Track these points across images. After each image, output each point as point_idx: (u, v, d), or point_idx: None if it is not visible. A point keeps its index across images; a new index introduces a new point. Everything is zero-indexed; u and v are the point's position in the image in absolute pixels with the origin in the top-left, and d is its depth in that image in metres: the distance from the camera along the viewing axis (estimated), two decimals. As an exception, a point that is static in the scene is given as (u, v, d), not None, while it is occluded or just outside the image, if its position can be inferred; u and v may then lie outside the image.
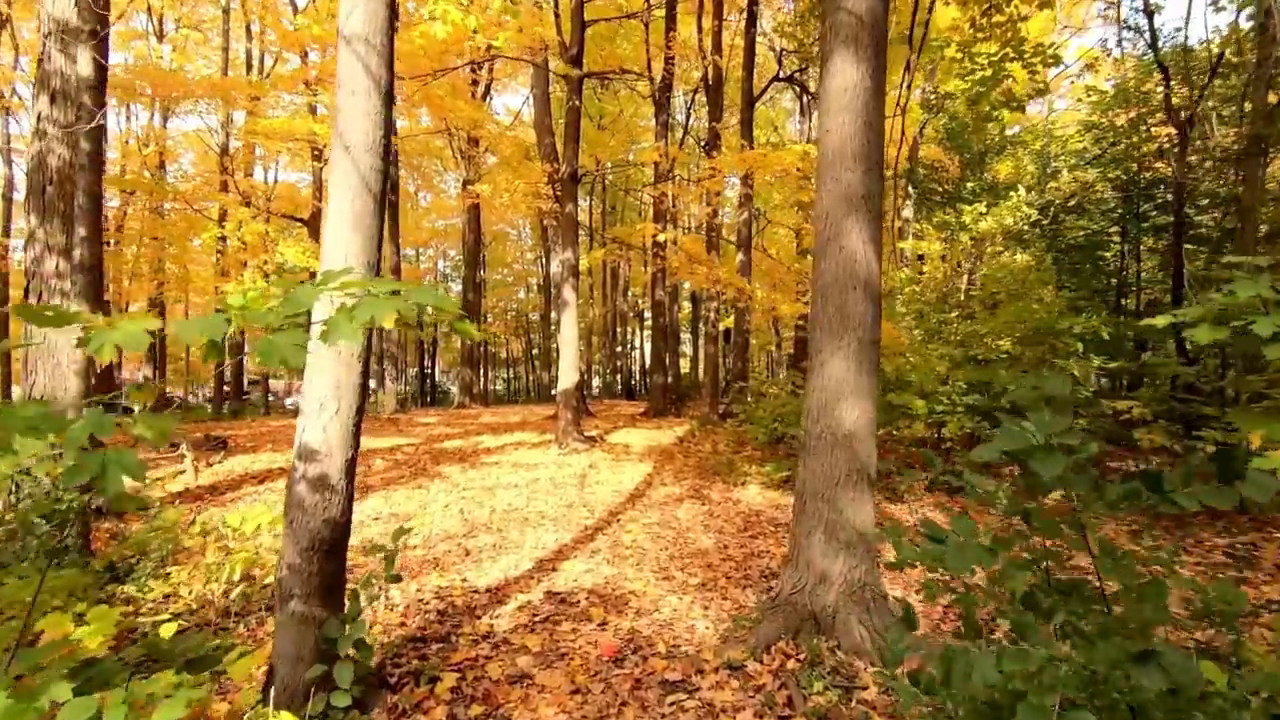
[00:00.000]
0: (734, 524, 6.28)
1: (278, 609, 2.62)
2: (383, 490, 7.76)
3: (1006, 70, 7.13)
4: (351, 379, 2.66)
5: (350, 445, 2.69)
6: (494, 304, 36.68)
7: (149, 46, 20.74)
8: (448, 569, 4.87)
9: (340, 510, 2.66)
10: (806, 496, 3.55)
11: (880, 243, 3.63)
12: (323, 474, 2.61)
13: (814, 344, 3.64)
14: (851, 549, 3.41)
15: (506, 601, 4.22)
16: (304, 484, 2.60)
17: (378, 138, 2.71)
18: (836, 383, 3.48)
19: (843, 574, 3.39)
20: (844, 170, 3.55)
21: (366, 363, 2.72)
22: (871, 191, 3.56)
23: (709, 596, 4.28)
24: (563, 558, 5.21)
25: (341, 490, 2.66)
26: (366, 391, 2.79)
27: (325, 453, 2.62)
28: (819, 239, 3.66)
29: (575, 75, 11.05)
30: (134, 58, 19.81)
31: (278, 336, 1.72)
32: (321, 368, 2.63)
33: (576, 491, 7.73)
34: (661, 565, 4.97)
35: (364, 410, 2.80)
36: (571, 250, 10.84)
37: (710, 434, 12.05)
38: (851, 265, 3.50)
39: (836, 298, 3.53)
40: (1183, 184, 11.27)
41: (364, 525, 6.18)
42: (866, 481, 3.48)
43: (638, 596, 4.28)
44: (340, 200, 2.65)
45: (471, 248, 21.64)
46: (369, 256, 2.70)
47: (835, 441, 3.47)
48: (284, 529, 2.61)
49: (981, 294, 9.20)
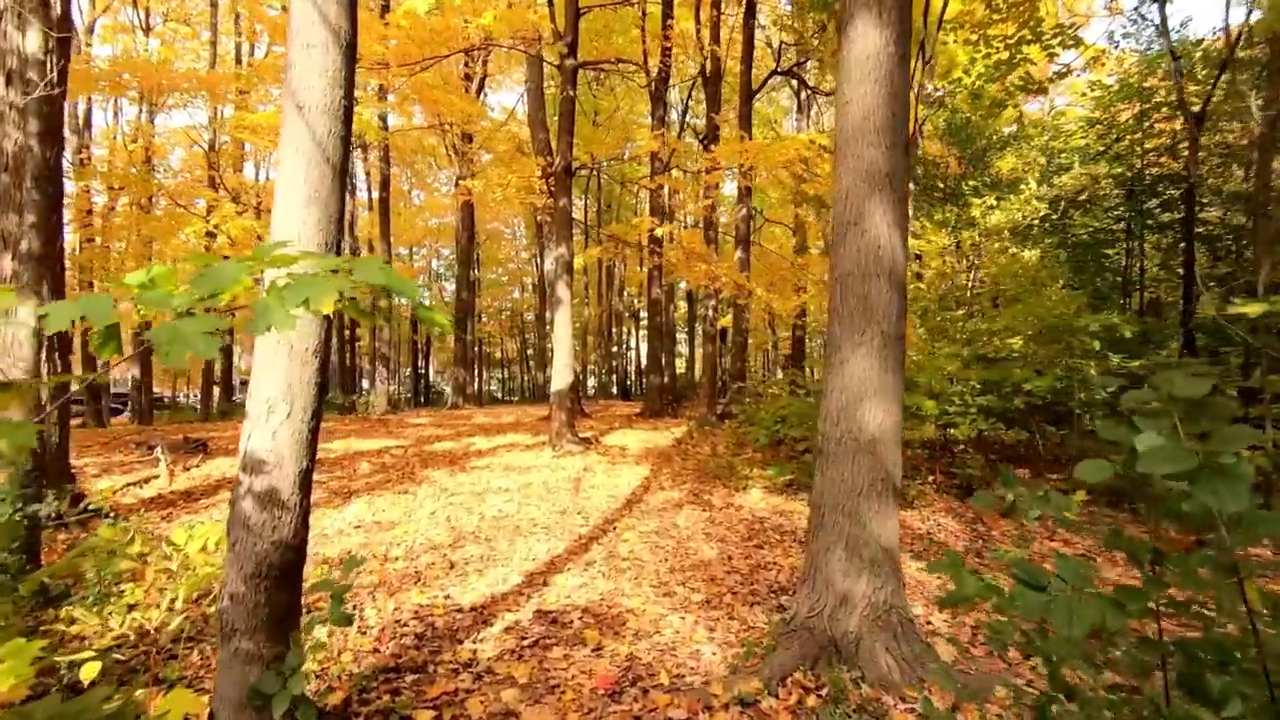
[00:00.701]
0: (737, 532, 5.92)
1: (220, 645, 2.25)
2: (366, 495, 7.37)
3: (1023, 53, 6.79)
4: (306, 377, 2.29)
5: (305, 454, 2.32)
6: (489, 303, 36.30)
7: (135, 41, 20.32)
8: (430, 584, 4.49)
9: (293, 530, 2.28)
10: (825, 508, 3.19)
11: (906, 227, 3.28)
12: (271, 488, 2.24)
13: (832, 340, 3.29)
14: (876, 567, 3.06)
15: (492, 622, 3.85)
16: (250, 500, 2.22)
17: (337, 98, 2.34)
18: (858, 382, 3.13)
19: (866, 596, 3.03)
20: (866, 146, 3.20)
21: (325, 358, 2.35)
22: (896, 169, 3.21)
23: (714, 615, 3.92)
24: (555, 570, 4.85)
25: (294, 507, 2.29)
26: (325, 392, 2.42)
27: (274, 463, 2.25)
28: (837, 223, 3.31)
29: (570, 65, 10.68)
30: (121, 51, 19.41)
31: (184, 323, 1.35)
32: (270, 364, 2.26)
33: (570, 497, 7.36)
34: (661, 579, 4.61)
35: (322, 414, 2.43)
36: (565, 246, 10.47)
37: (709, 435, 11.70)
38: (874, 251, 3.15)
39: (858, 288, 3.17)
40: (1194, 179, 10.97)
41: (344, 534, 5.81)
42: (892, 492, 3.13)
43: (636, 616, 3.92)
44: (292, 170, 2.28)
45: (465, 246, 21.26)
46: (327, 237, 2.33)
47: (857, 447, 3.11)
48: (227, 553, 2.24)
49: (990, 291, 8.87)
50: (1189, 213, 10.92)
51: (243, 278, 1.52)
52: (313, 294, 1.40)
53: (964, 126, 12.71)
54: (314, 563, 4.89)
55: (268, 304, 1.39)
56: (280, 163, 2.30)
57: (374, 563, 4.90)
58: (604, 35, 17.52)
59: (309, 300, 1.40)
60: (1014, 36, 6.66)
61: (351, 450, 10.48)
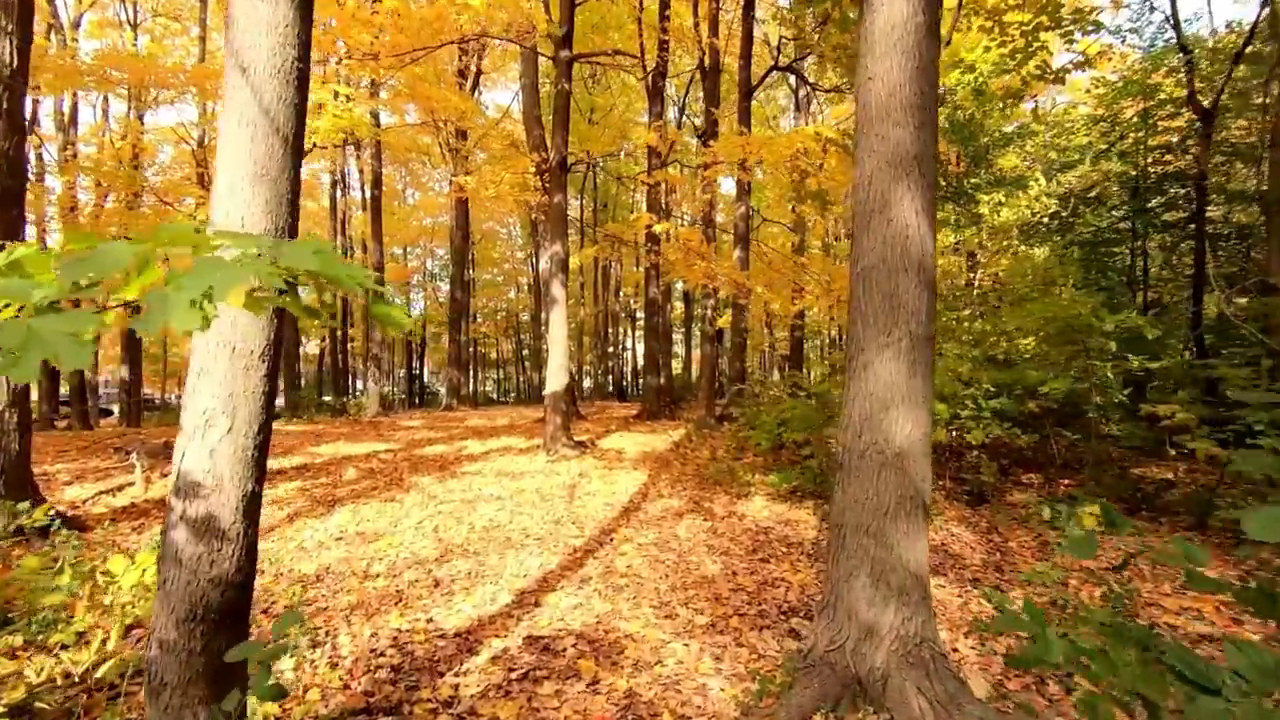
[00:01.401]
0: (741, 544, 5.59)
1: (147, 702, 1.91)
2: (351, 504, 7.03)
3: (1040, 40, 6.49)
4: (251, 385, 1.95)
5: (250, 475, 1.98)
6: (484, 304, 35.96)
7: (122, 37, 19.94)
8: (412, 605, 4.15)
9: (235, 565, 1.95)
10: (846, 529, 2.87)
11: (935, 215, 2.96)
12: (209, 515, 1.90)
13: (854, 341, 2.96)
14: (904, 596, 2.73)
15: (478, 650, 3.51)
16: (183, 530, 1.89)
17: (288, 59, 2.01)
18: (885, 388, 2.80)
19: (894, 628, 2.70)
20: (892, 126, 2.88)
21: (274, 362, 2.01)
22: (926, 151, 2.89)
23: (720, 642, 3.59)
24: (548, 588, 4.51)
25: (237, 537, 1.95)
26: (274, 402, 2.08)
27: (212, 486, 1.91)
28: (859, 211, 2.98)
29: (564, 57, 10.35)
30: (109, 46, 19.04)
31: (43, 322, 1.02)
32: (209, 370, 1.92)
33: (565, 505, 7.03)
34: (662, 598, 4.28)
35: (271, 427, 2.09)
36: (560, 243, 10.14)
37: (708, 438, 11.37)
38: (902, 242, 2.83)
39: (884, 283, 2.85)
40: (1205, 175, 10.69)
41: (324, 547, 5.46)
42: (921, 511, 2.81)
43: (635, 642, 3.59)
44: (236, 143, 1.95)
45: (459, 246, 20.90)
46: (277, 221, 1.99)
47: (883, 461, 2.79)
48: (157, 591, 1.90)
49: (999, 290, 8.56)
50: (1199, 209, 10.63)
51: (152, 264, 1.19)
52: (219, 282, 1.07)
53: (966, 124, 12.42)
54: (288, 580, 4.55)
55: (165, 296, 1.06)
56: (222, 134, 1.97)
57: (353, 580, 4.56)
58: (600, 30, 17.20)
59: (213, 290, 1.07)
60: (1030, 23, 6.36)
61: (339, 455, 10.13)
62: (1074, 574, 4.94)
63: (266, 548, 5.40)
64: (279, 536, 5.80)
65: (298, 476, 8.28)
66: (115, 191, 17.65)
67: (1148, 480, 7.72)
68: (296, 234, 2.10)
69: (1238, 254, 12.70)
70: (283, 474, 8.37)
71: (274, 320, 1.97)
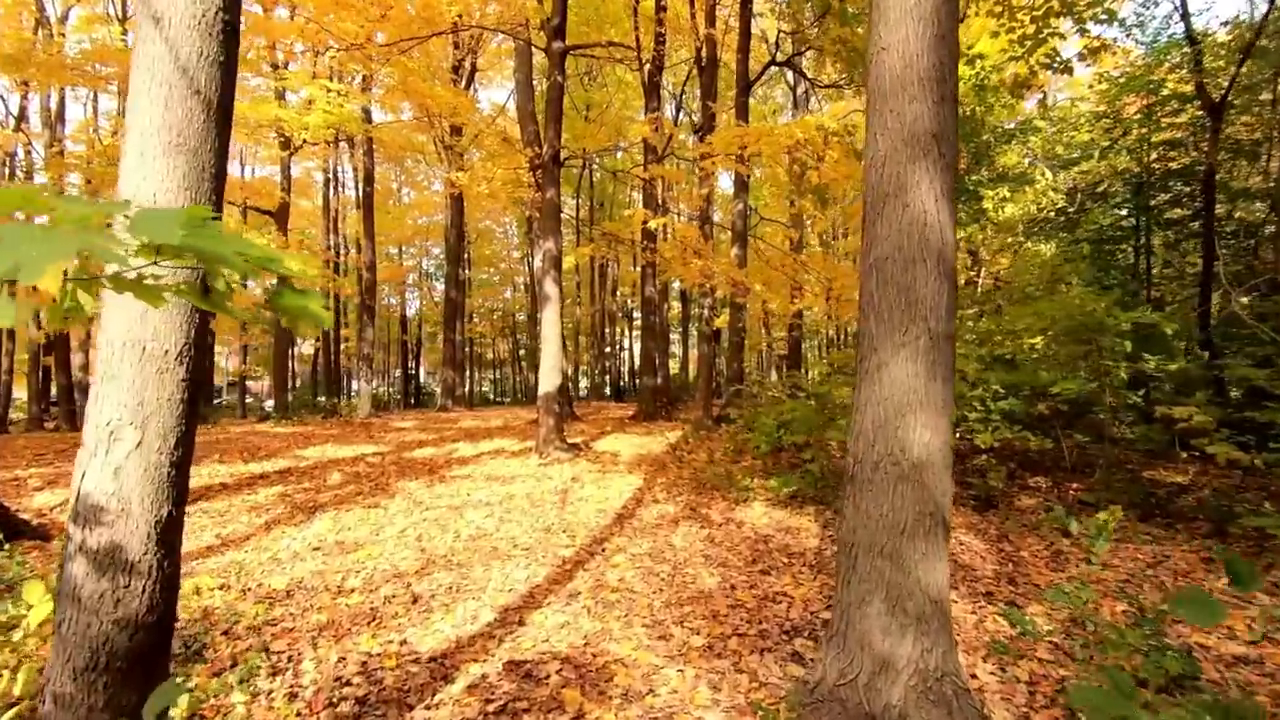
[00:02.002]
0: (740, 554, 5.31)
1: (40, 765, 1.62)
2: (333, 510, 6.73)
3: (1052, 25, 6.21)
4: (165, 391, 1.66)
5: (165, 497, 1.68)
6: (480, 304, 35.66)
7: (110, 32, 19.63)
8: (386, 624, 3.85)
9: (147, 603, 1.65)
10: (858, 550, 2.58)
11: (955, 200, 2.67)
12: (113, 545, 1.61)
13: (865, 339, 2.68)
14: (923, 624, 2.45)
15: (454, 677, 3.22)
16: (82, 562, 1.59)
17: (212, 8, 1.71)
18: (901, 392, 2.51)
19: (912, 660, 2.42)
20: (908, 101, 2.59)
21: (195, 364, 1.72)
22: (945, 129, 2.60)
23: (718, 668, 3.30)
24: (533, 604, 4.22)
25: (149, 571, 1.65)
26: (197, 410, 1.79)
27: (118, 511, 1.62)
28: (871, 196, 2.70)
29: (557, 49, 10.05)
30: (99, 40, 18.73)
31: None
32: (114, 375, 1.63)
33: (556, 511, 6.74)
34: (656, 616, 3.99)
35: (193, 440, 1.80)
36: (554, 239, 9.84)
37: (705, 440, 11.09)
38: (920, 230, 2.54)
39: (899, 275, 2.56)
40: (1213, 171, 10.42)
41: (299, 558, 5.17)
42: (942, 529, 2.52)
43: (626, 668, 3.29)
44: (147, 104, 1.65)
45: (454, 244, 20.62)
46: (197, 197, 1.70)
47: (900, 474, 2.50)
48: (53, 635, 1.61)
49: (1005, 288, 8.28)
50: (1209, 205, 10.36)
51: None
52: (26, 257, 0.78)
53: (968, 119, 12.15)
54: (255, 597, 4.26)
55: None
56: (132, 94, 1.68)
57: (325, 596, 4.26)
58: (595, 25, 16.93)
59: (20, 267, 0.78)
60: (1041, 7, 6.08)
61: (326, 458, 9.83)
62: (1092, 585, 4.67)
63: (237, 559, 5.11)
64: (253, 546, 5.50)
65: (280, 481, 7.98)
66: (104, 189, 17.33)
67: (1159, 484, 7.45)
68: (221, 214, 1.81)
69: (1243, 252, 12.46)
70: (264, 478, 8.07)
71: (194, 314, 1.67)
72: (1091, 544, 3.08)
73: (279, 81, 16.48)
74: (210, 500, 6.98)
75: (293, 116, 14.26)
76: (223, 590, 4.31)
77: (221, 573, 4.71)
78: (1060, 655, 3.47)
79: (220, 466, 8.59)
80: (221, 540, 5.64)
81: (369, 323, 17.84)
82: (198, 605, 4.03)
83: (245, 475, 8.17)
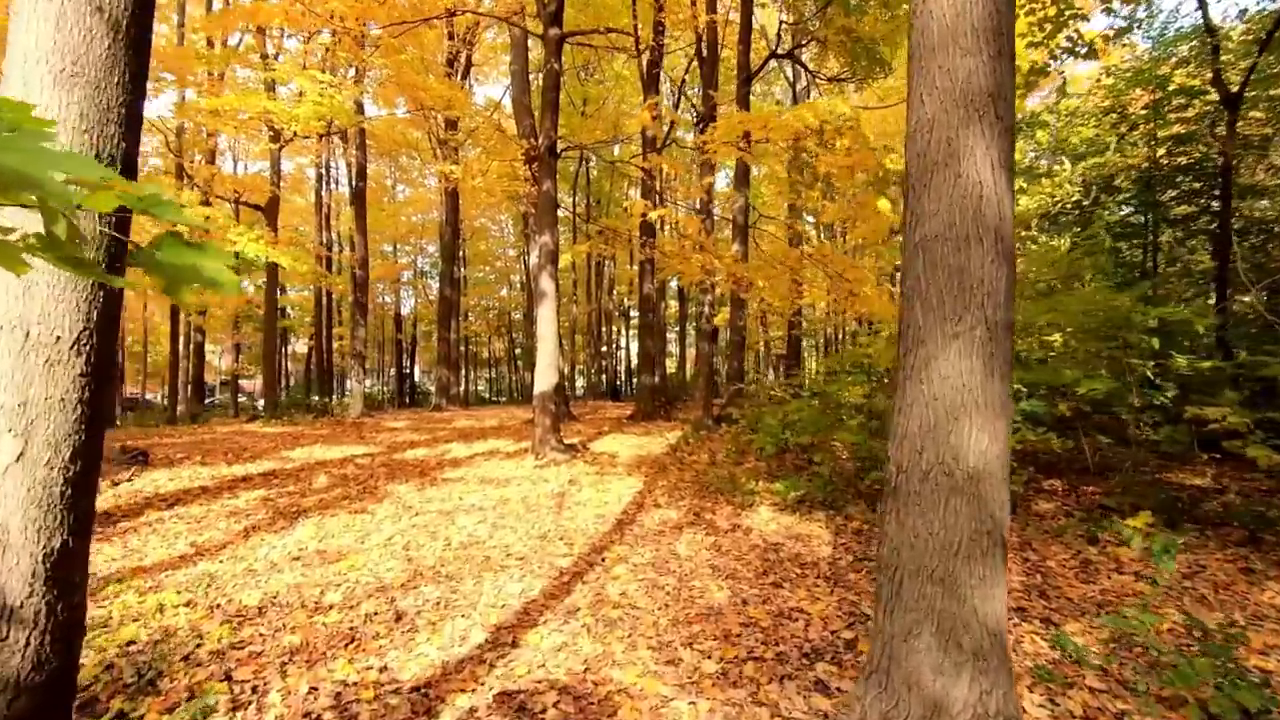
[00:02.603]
0: (749, 565, 4.96)
1: None
2: (317, 516, 6.36)
3: (1075, 7, 5.88)
4: (59, 388, 1.30)
5: (59, 524, 1.32)
6: (475, 302, 35.24)
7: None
8: (365, 646, 3.50)
9: (31, 659, 1.29)
10: (903, 573, 2.23)
11: (1013, 169, 2.33)
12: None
13: (910, 330, 2.33)
14: (981, 662, 2.10)
15: (437, 711, 2.87)
16: (-55, 609, 1.24)
17: (118, -95, 1.36)
18: (953, 390, 2.17)
19: (970, 704, 2.07)
20: (959, 55, 2.24)
21: (101, 355, 1.37)
22: (1003, 88, 2.25)
23: (734, 699, 2.95)
24: (528, 622, 3.87)
25: (34, 619, 1.30)
26: (103, 413, 1.43)
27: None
28: (916, 167, 2.35)
29: (553, 35, 9.69)
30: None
31: None
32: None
33: (553, 516, 6.39)
34: (662, 636, 3.64)
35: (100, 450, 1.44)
36: (549, 233, 9.48)
37: (706, 441, 10.75)
38: (975, 203, 2.19)
39: (950, 256, 2.22)
40: (1229, 166, 10.13)
41: (276, 569, 4.80)
42: (1000, 550, 2.18)
43: (631, 699, 2.95)
44: (32, 22, 1.30)
45: (449, 242, 20.25)
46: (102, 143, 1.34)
47: (952, 485, 2.15)
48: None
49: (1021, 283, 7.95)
50: (1224, 200, 10.07)
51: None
52: None
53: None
54: (223, 615, 3.89)
55: None
56: (13, 12, 1.32)
57: (300, 614, 3.90)
58: (593, 16, 16.55)
59: None
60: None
61: (313, 460, 9.46)
62: (1126, 600, 4.34)
63: (210, 570, 4.75)
64: (229, 556, 5.13)
65: (263, 484, 7.61)
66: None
67: (1182, 488, 7.14)
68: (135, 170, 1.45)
69: (1252, 249, 12.19)
70: (247, 481, 7.70)
71: (97, 292, 1.32)
72: (1156, 561, 2.73)
73: (268, 73, 16.07)
74: (188, 505, 6.61)
75: (282, 109, 13.88)
76: (188, 608, 3.95)
77: (190, 587, 4.34)
78: (1111, 683, 3.13)
79: (202, 469, 8.21)
80: (195, 549, 5.27)
81: (361, 321, 17.45)
82: (159, 625, 3.67)
83: (227, 478, 7.79)
